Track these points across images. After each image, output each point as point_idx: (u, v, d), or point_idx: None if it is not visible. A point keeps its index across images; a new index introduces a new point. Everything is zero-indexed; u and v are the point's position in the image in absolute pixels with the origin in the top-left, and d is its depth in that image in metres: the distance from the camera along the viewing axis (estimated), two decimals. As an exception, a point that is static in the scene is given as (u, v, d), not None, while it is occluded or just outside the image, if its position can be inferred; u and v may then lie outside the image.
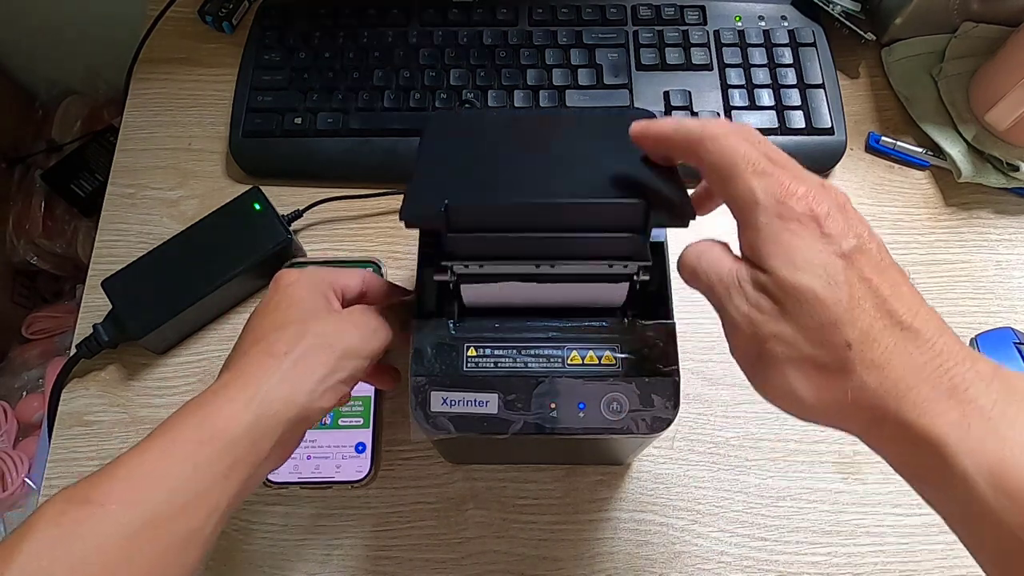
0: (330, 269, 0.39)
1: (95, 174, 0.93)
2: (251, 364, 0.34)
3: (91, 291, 0.54)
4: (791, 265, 0.26)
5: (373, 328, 0.36)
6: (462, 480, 0.48)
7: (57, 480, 0.49)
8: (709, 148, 0.29)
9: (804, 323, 0.26)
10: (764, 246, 0.27)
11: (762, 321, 0.27)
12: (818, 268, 0.26)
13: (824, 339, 0.26)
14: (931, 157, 0.58)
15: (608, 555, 0.47)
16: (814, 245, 0.26)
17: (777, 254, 0.27)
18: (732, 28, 0.60)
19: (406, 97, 0.57)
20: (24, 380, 0.86)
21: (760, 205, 0.27)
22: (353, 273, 0.40)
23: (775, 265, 0.27)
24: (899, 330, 0.25)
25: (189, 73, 0.62)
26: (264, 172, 0.57)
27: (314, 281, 0.37)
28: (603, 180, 0.33)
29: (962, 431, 0.23)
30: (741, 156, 0.28)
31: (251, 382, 0.33)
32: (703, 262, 0.30)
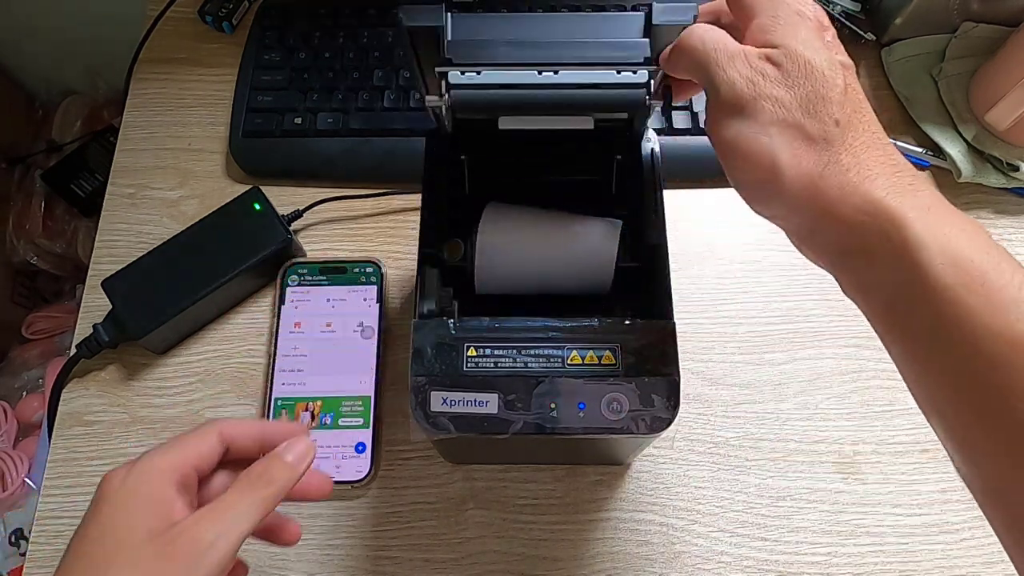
0: (170, 446, 0.32)
1: (95, 174, 0.93)
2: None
3: (91, 291, 0.54)
4: (803, 44, 0.28)
5: (202, 550, 0.29)
6: (462, 480, 0.48)
7: (57, 480, 0.49)
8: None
9: (804, 92, 0.28)
10: (779, 28, 0.29)
11: (763, 83, 0.28)
12: (823, 54, 0.28)
13: (817, 110, 0.27)
14: (931, 157, 0.58)
15: (608, 555, 0.47)
16: (820, 41, 0.29)
17: (792, 36, 0.29)
18: (732, 28, 0.60)
19: (406, 97, 0.57)
20: (24, 380, 0.86)
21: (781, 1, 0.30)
22: (201, 436, 0.33)
23: (789, 42, 0.28)
24: (873, 135, 0.28)
25: (189, 73, 0.62)
26: (264, 172, 0.57)
27: (142, 483, 0.31)
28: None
29: (922, 212, 0.26)
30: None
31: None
32: (708, 36, 0.30)
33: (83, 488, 0.49)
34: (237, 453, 0.34)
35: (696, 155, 0.56)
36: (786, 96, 0.28)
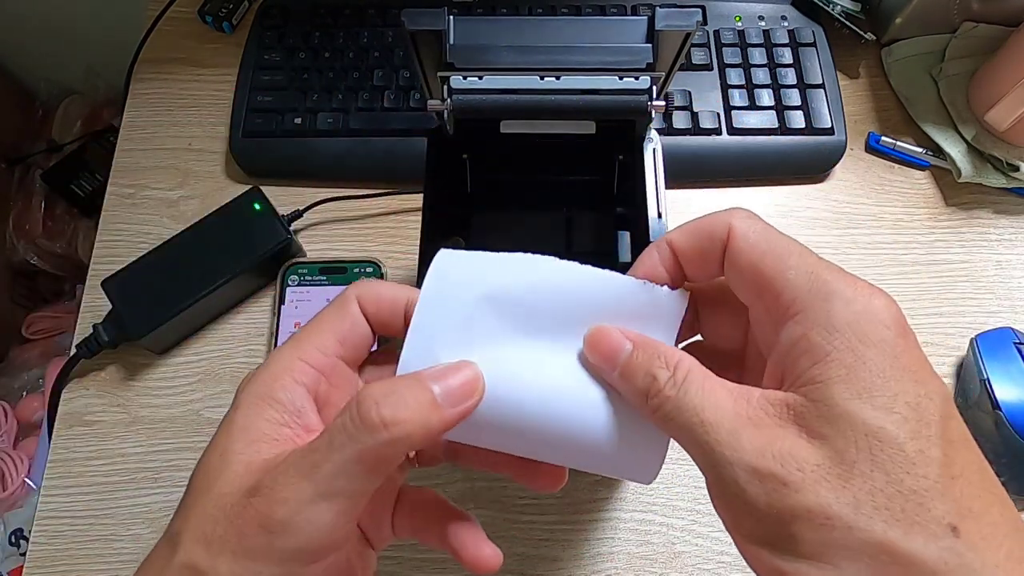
0: (303, 331, 0.25)
1: (95, 174, 0.93)
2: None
3: (91, 291, 0.54)
4: (865, 394, 0.18)
5: (271, 533, 0.21)
6: (462, 480, 0.48)
7: (57, 480, 0.49)
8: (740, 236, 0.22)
9: (873, 486, 0.17)
10: (829, 357, 0.19)
11: (799, 484, 0.18)
12: (900, 409, 0.18)
13: (908, 515, 0.17)
14: (931, 157, 0.58)
15: (608, 555, 0.47)
16: (896, 376, 0.19)
17: (848, 377, 0.18)
18: (732, 28, 0.60)
19: (406, 97, 0.57)
20: (24, 380, 0.86)
21: (810, 288, 0.20)
22: (338, 309, 0.25)
23: (839, 392, 0.18)
24: (1009, 522, 0.18)
25: (189, 73, 0.62)
26: (264, 172, 0.57)
27: (262, 391, 0.24)
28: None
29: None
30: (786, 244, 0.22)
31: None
32: (684, 388, 0.21)
33: (83, 488, 0.49)
34: (380, 330, 0.26)
35: (696, 155, 0.56)
36: (841, 501, 0.17)
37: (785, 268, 0.21)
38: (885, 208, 0.57)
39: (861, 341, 0.19)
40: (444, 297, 0.24)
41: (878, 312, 0.20)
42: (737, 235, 0.22)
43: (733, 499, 0.19)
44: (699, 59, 0.58)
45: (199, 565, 0.22)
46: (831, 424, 0.18)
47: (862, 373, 0.19)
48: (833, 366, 0.19)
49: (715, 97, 0.57)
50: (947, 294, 0.54)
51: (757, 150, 0.56)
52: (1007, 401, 0.46)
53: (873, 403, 0.18)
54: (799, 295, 0.20)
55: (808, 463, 0.18)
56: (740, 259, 0.22)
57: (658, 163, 0.41)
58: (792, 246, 0.22)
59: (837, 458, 0.18)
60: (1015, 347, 0.48)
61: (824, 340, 0.19)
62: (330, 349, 0.25)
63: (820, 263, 0.21)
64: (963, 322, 0.53)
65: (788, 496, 0.18)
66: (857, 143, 0.59)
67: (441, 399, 0.22)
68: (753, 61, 0.58)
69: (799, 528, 0.18)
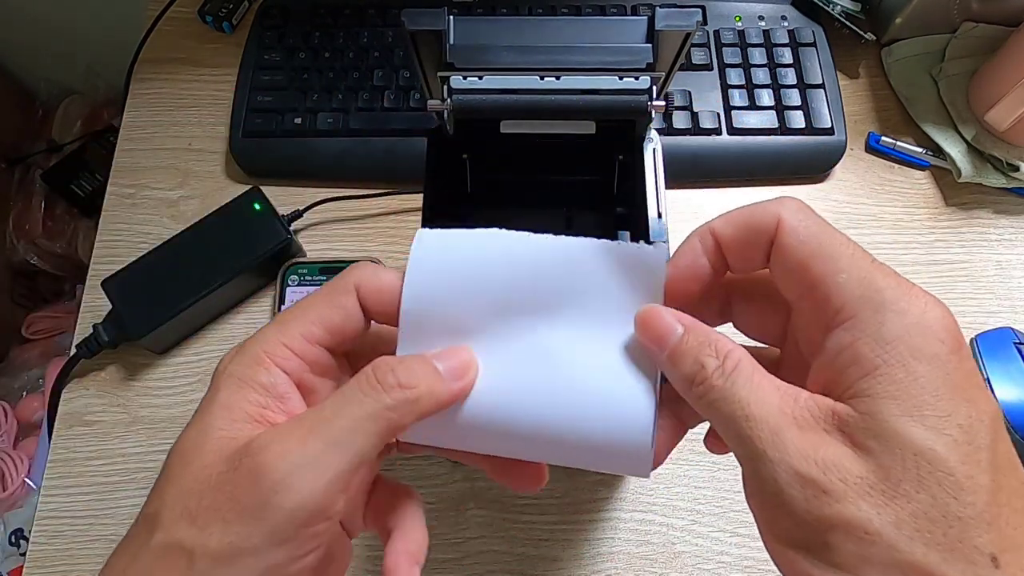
0: (290, 313, 0.24)
1: (95, 174, 0.93)
2: None
3: (91, 291, 0.54)
4: (915, 411, 0.18)
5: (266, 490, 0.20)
6: (462, 480, 0.48)
7: (57, 480, 0.49)
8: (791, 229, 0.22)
9: (917, 508, 0.17)
10: (880, 369, 0.19)
11: (841, 494, 0.18)
12: (955, 424, 0.18)
13: (951, 539, 0.17)
14: (931, 157, 0.58)
15: (608, 555, 0.47)
16: (950, 384, 0.18)
17: (900, 392, 0.18)
18: (732, 28, 0.60)
19: (406, 97, 0.57)
20: (24, 380, 0.86)
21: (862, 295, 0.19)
22: (331, 296, 0.24)
23: (888, 409, 0.18)
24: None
25: (189, 73, 0.62)
26: (264, 172, 0.57)
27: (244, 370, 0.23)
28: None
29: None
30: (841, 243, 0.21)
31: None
32: (731, 379, 0.20)
33: (83, 488, 0.49)
34: (383, 319, 0.25)
35: (696, 155, 0.56)
36: (883, 519, 0.17)
37: (836, 271, 0.20)
38: (885, 208, 0.57)
39: (913, 356, 0.18)
40: (429, 284, 0.24)
41: (931, 325, 0.19)
42: (786, 230, 0.21)
43: (771, 498, 0.19)
44: (699, 59, 0.58)
45: (184, 542, 0.21)
46: (878, 440, 0.18)
47: (913, 390, 0.18)
48: (883, 380, 0.18)
49: (715, 97, 0.57)
50: (947, 294, 0.54)
51: (757, 150, 0.56)
52: (1007, 401, 0.46)
53: (924, 423, 0.18)
54: (849, 301, 0.20)
55: (852, 474, 0.18)
56: (788, 256, 0.21)
57: (658, 163, 0.41)
58: (845, 246, 0.21)
59: (882, 474, 0.18)
60: (1015, 347, 0.48)
61: (874, 352, 0.19)
62: (315, 338, 0.24)
63: (874, 267, 0.20)
64: (963, 322, 0.52)
65: (828, 504, 0.18)
66: (857, 143, 0.59)
67: (444, 373, 0.22)
68: (753, 61, 0.58)
69: (836, 538, 0.18)
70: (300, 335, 0.24)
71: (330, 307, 0.24)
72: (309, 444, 0.21)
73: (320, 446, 0.21)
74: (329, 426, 0.21)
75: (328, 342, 0.24)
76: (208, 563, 0.20)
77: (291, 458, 0.21)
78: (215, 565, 0.20)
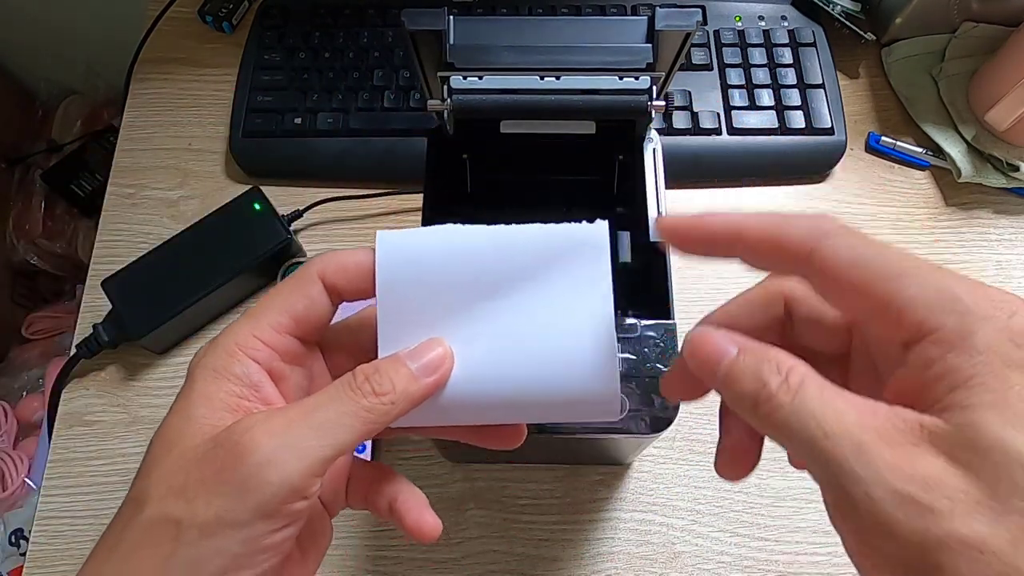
0: (259, 306, 0.25)
1: (95, 174, 0.93)
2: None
3: (91, 291, 0.54)
4: (1016, 416, 0.17)
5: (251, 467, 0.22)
6: (462, 480, 0.48)
7: (57, 480, 0.49)
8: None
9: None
10: (975, 382, 0.18)
11: (945, 512, 0.17)
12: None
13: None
14: (931, 157, 0.58)
15: (608, 555, 0.47)
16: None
17: (999, 404, 0.17)
18: (732, 28, 0.60)
19: (406, 97, 0.57)
20: (24, 380, 0.86)
21: (942, 306, 0.18)
22: (295, 286, 0.25)
23: (990, 420, 0.17)
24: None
25: (189, 73, 0.62)
26: (264, 172, 0.57)
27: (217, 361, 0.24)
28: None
29: None
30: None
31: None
32: (794, 404, 0.19)
33: (83, 488, 0.49)
34: (354, 296, 0.26)
35: (696, 155, 0.56)
36: (997, 534, 0.16)
37: (902, 287, 0.19)
38: (885, 208, 0.57)
39: (1006, 364, 0.17)
40: (398, 282, 0.26)
41: (1021, 329, 0.18)
42: (827, 264, 0.20)
43: (866, 520, 0.17)
44: (699, 59, 0.58)
45: (171, 514, 0.22)
46: (978, 453, 0.17)
47: (1011, 399, 0.17)
48: (978, 391, 0.17)
49: (715, 97, 0.57)
50: (947, 294, 0.54)
51: (757, 150, 0.56)
52: (1007, 401, 0.46)
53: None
54: (929, 315, 0.18)
55: (957, 490, 0.17)
56: (839, 286, 0.20)
57: (658, 163, 0.41)
58: (903, 259, 0.19)
59: (989, 490, 0.16)
60: (1015, 347, 0.48)
61: (965, 363, 0.18)
62: (284, 327, 0.25)
63: (943, 273, 0.19)
64: (963, 322, 0.53)
65: (936, 524, 0.17)
66: (857, 143, 0.59)
67: (417, 372, 0.24)
68: (753, 61, 0.58)
69: (948, 558, 0.16)
70: (269, 326, 0.25)
71: (296, 297, 0.25)
72: (293, 429, 0.22)
73: (303, 432, 0.22)
74: (313, 416, 0.23)
75: (295, 331, 0.25)
76: (195, 533, 0.21)
77: (276, 440, 0.22)
78: (201, 536, 0.21)
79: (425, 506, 0.28)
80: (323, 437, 0.23)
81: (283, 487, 0.22)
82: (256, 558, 0.22)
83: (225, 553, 0.22)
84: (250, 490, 0.22)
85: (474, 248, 0.27)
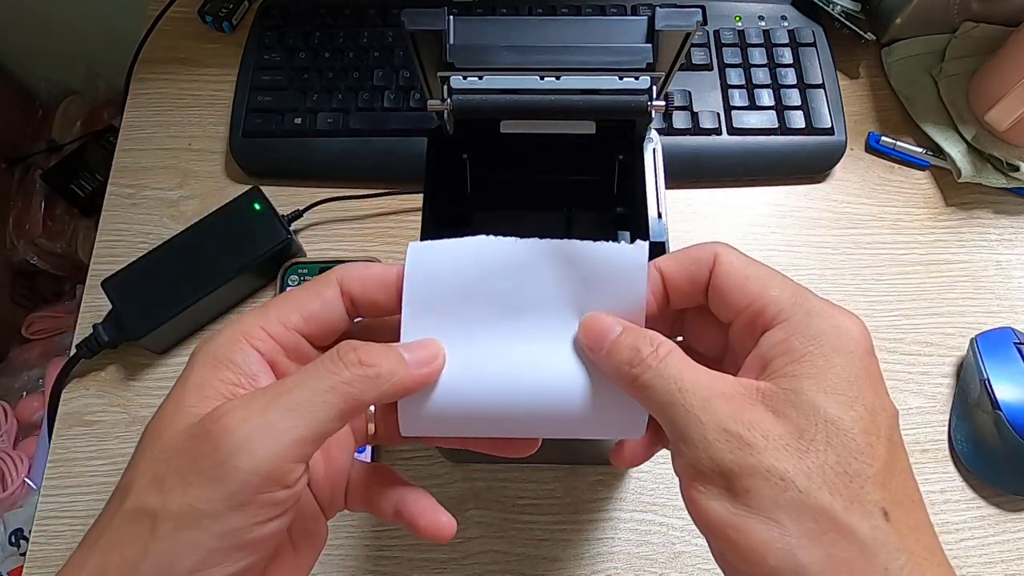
0: (271, 303, 0.25)
1: (95, 174, 0.93)
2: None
3: (91, 291, 0.54)
4: (829, 390, 0.21)
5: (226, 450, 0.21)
6: (462, 480, 0.48)
7: (57, 480, 0.49)
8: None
9: (823, 462, 0.20)
10: (801, 356, 0.22)
11: (760, 447, 0.21)
12: (857, 407, 0.21)
13: (852, 492, 0.20)
14: (931, 157, 0.58)
15: (608, 555, 0.47)
16: (859, 386, 0.22)
17: (817, 373, 0.22)
18: (732, 28, 0.60)
19: (406, 97, 0.57)
20: (24, 380, 0.86)
21: (794, 303, 0.23)
22: (312, 288, 0.26)
23: (805, 385, 0.21)
24: (931, 539, 0.21)
25: (189, 73, 0.62)
26: (264, 172, 0.57)
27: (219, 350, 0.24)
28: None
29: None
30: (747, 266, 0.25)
31: None
32: (665, 362, 0.23)
33: (83, 488, 0.49)
34: (369, 310, 0.26)
35: (696, 155, 0.56)
36: (797, 469, 0.20)
37: (770, 287, 0.24)
38: (885, 208, 0.57)
39: (834, 350, 0.22)
40: (425, 293, 0.26)
41: (851, 330, 0.23)
42: (723, 260, 0.25)
43: (701, 455, 0.22)
44: (699, 59, 0.58)
45: (147, 505, 0.21)
46: (796, 408, 0.21)
47: (830, 375, 0.22)
48: (806, 366, 0.22)
49: (715, 97, 0.57)
50: (947, 294, 0.54)
51: (757, 150, 0.56)
52: (1007, 401, 0.46)
53: (836, 399, 0.21)
54: (784, 308, 0.23)
55: (772, 433, 0.21)
56: (727, 280, 0.25)
57: (658, 163, 0.41)
58: (775, 272, 0.25)
59: (797, 434, 0.21)
60: (1015, 347, 0.48)
61: (802, 345, 0.22)
62: (292, 323, 0.25)
63: (800, 286, 0.24)
64: (963, 322, 0.53)
65: (751, 455, 0.21)
66: (857, 143, 0.59)
67: (410, 361, 0.24)
68: (753, 61, 0.58)
69: (755, 483, 0.21)
70: (277, 319, 0.25)
71: (310, 296, 0.25)
72: (268, 411, 0.22)
73: (278, 413, 0.22)
74: (289, 396, 0.22)
75: (304, 329, 0.25)
76: (170, 525, 0.21)
77: (250, 424, 0.21)
78: (176, 528, 0.21)
79: (436, 506, 0.27)
80: (298, 417, 0.22)
81: (255, 474, 0.21)
82: (233, 554, 0.21)
83: (200, 547, 0.21)
84: (222, 479, 0.21)
85: (506, 260, 0.26)
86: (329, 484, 0.28)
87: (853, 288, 0.53)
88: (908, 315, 0.53)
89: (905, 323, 0.53)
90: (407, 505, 0.27)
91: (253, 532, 0.21)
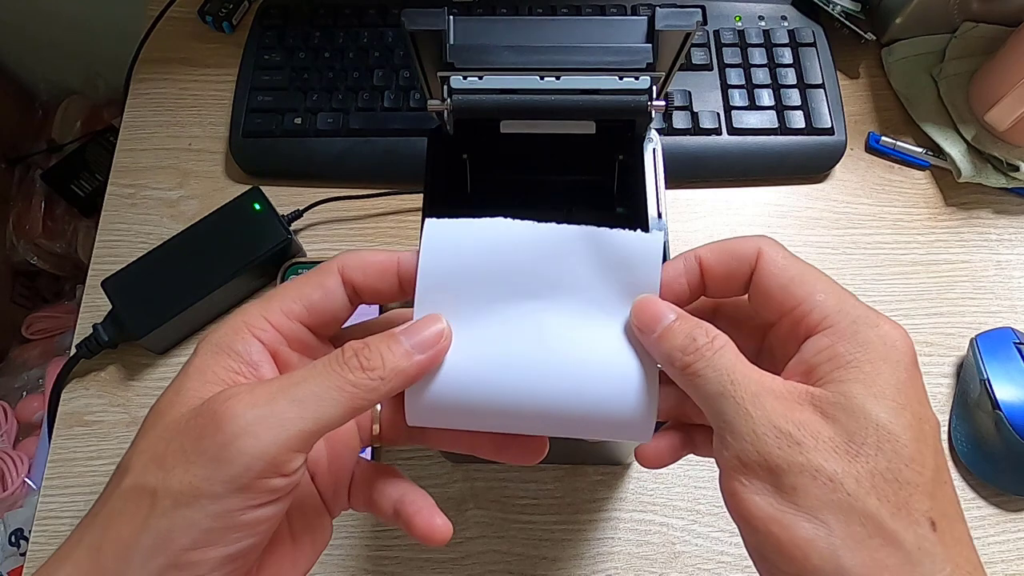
0: (274, 292, 0.26)
1: (95, 174, 0.93)
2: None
3: (91, 291, 0.54)
4: (880, 396, 0.21)
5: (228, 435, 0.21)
6: (462, 480, 0.48)
7: (57, 480, 0.49)
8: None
9: (873, 467, 0.20)
10: (851, 362, 0.22)
11: (808, 446, 0.21)
12: (906, 414, 0.21)
13: (899, 499, 0.20)
14: (931, 157, 0.58)
15: (608, 555, 0.47)
16: (907, 393, 0.22)
17: (866, 379, 0.21)
18: (732, 28, 0.60)
19: (406, 97, 0.57)
20: (24, 380, 0.86)
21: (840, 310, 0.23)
22: (313, 277, 0.26)
23: (855, 389, 0.21)
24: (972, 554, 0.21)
25: (189, 73, 0.62)
26: (264, 172, 0.57)
27: (222, 339, 0.24)
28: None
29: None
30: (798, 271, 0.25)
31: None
32: (719, 354, 0.23)
33: (83, 488, 0.49)
34: (371, 297, 0.26)
35: (696, 155, 0.56)
36: (846, 472, 0.20)
37: (815, 291, 0.24)
38: (885, 208, 0.57)
39: (882, 358, 0.22)
40: (439, 271, 0.26)
41: (896, 340, 0.23)
42: (767, 259, 0.25)
43: (749, 450, 0.21)
44: (699, 59, 0.58)
45: (148, 483, 0.22)
46: (846, 413, 0.21)
47: (879, 381, 0.22)
48: (854, 371, 0.22)
49: (715, 97, 0.57)
50: (947, 294, 0.54)
51: (757, 150, 0.56)
52: (1007, 401, 0.46)
53: (886, 405, 0.21)
54: (829, 314, 0.23)
55: (822, 435, 0.21)
56: (771, 280, 0.24)
57: (658, 163, 0.41)
58: (819, 274, 0.24)
59: (847, 438, 0.21)
60: (1015, 347, 0.48)
61: (849, 352, 0.22)
62: (295, 314, 0.25)
63: (846, 292, 0.24)
64: (963, 322, 0.53)
65: (800, 453, 0.21)
66: (857, 143, 0.59)
67: (412, 348, 0.24)
68: (753, 61, 0.58)
69: (803, 481, 0.20)
70: (280, 309, 0.25)
71: (312, 286, 0.26)
72: (276, 400, 0.22)
73: (286, 403, 0.22)
74: (297, 388, 0.22)
75: (307, 319, 0.25)
76: (169, 503, 0.21)
77: (256, 410, 0.22)
78: (175, 505, 0.21)
79: (434, 509, 0.27)
80: (304, 410, 0.22)
81: (259, 459, 0.21)
82: (228, 535, 0.21)
83: (196, 526, 0.21)
84: (225, 460, 0.21)
85: (521, 244, 0.26)
86: (333, 479, 0.28)
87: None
88: (908, 315, 0.53)
89: (905, 323, 0.52)
90: (405, 505, 0.27)
91: (247, 515, 0.22)
